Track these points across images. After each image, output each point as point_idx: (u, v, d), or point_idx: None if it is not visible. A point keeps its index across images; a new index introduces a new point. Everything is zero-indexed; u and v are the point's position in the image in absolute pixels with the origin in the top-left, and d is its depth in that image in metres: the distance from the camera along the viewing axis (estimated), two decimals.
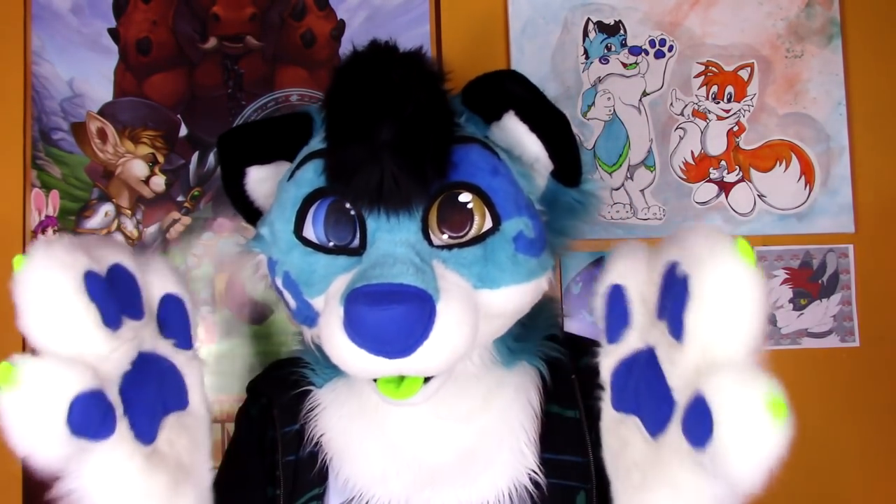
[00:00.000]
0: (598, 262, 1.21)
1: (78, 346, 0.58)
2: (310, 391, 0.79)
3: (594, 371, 0.67)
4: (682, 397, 0.58)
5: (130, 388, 0.62)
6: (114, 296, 0.61)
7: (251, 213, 0.81)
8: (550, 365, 0.78)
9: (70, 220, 1.17)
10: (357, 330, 0.61)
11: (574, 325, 1.20)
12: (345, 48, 1.21)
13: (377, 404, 0.75)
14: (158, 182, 1.19)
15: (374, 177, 0.64)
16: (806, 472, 1.17)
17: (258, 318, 1.19)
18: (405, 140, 0.63)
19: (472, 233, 0.68)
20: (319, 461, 0.76)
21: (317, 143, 0.74)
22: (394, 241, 0.67)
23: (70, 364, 0.57)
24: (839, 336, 1.22)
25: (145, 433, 0.64)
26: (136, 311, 0.64)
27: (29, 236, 1.16)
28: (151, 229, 1.19)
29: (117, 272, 0.63)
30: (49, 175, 1.18)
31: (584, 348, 0.71)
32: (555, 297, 1.10)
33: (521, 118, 0.72)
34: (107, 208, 1.18)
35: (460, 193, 0.69)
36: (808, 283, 1.23)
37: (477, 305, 0.67)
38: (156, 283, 0.68)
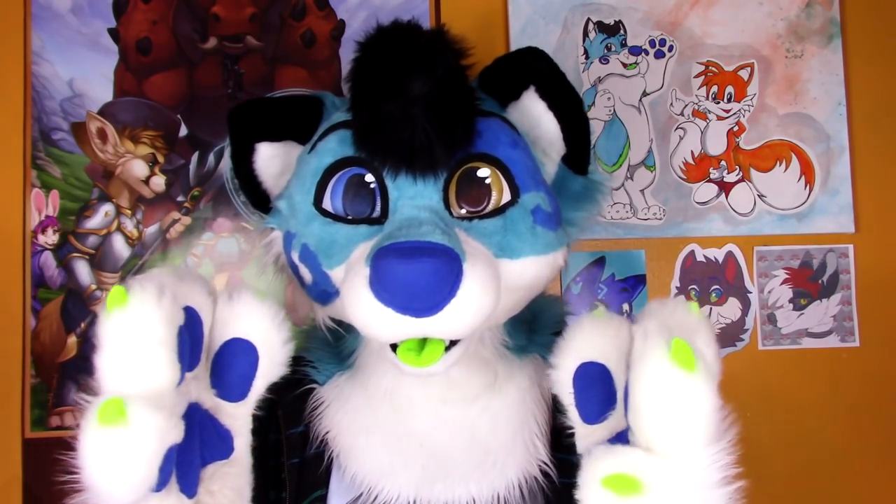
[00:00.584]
0: (598, 262, 1.21)
1: (150, 400, 0.55)
2: (313, 389, 0.78)
3: None
4: None
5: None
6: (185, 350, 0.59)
7: (258, 198, 0.80)
8: None
9: (70, 220, 1.17)
10: (385, 285, 0.60)
11: None
12: (345, 48, 1.21)
13: (384, 394, 0.74)
14: (158, 182, 1.19)
15: (406, 133, 0.63)
16: (806, 472, 1.17)
17: None
18: (438, 97, 0.63)
19: (490, 207, 0.69)
20: (325, 460, 0.75)
21: (338, 116, 0.74)
22: (417, 206, 0.67)
23: (169, 412, 0.55)
24: (839, 336, 1.22)
25: (190, 486, 0.62)
26: (193, 362, 0.63)
27: (29, 236, 1.16)
28: (151, 229, 1.19)
29: (188, 319, 0.61)
30: (49, 175, 1.18)
31: None
32: (559, 297, 1.09)
33: (540, 94, 0.73)
34: (107, 208, 1.18)
35: (479, 168, 0.69)
36: (808, 283, 1.22)
37: (499, 273, 0.66)
38: (226, 323, 0.66)
